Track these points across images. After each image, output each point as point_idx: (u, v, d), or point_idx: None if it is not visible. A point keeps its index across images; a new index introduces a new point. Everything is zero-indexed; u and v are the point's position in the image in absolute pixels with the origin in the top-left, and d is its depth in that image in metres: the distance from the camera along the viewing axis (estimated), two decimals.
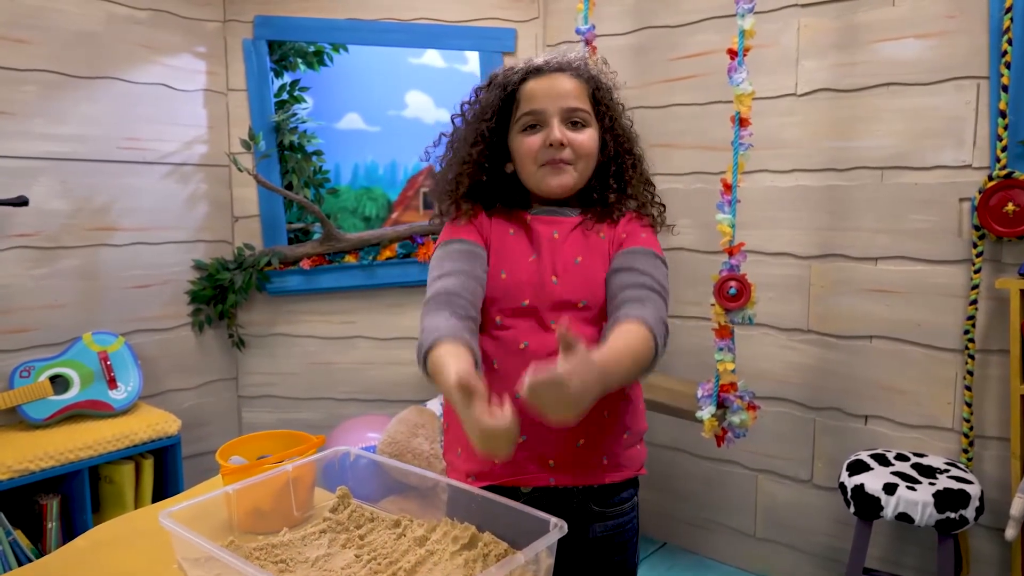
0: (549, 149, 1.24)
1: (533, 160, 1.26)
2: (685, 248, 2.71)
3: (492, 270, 1.26)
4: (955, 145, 2.16)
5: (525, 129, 1.27)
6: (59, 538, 2.31)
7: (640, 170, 1.34)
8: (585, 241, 1.28)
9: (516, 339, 1.22)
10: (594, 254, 1.27)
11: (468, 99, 1.35)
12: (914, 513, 1.91)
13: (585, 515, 1.26)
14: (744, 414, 2.22)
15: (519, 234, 1.29)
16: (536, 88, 1.26)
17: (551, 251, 1.26)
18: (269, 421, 3.13)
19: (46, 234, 2.53)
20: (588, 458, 1.24)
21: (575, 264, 1.25)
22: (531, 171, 1.27)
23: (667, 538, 2.92)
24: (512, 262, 1.26)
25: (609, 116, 1.31)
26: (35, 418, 2.38)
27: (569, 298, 1.23)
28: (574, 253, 1.26)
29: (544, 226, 1.28)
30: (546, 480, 1.23)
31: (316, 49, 3.04)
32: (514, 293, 1.23)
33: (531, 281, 1.24)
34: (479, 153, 1.29)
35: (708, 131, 2.64)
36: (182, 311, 2.94)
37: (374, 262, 3.04)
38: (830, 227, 2.41)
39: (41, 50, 2.48)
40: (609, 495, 1.28)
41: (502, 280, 1.24)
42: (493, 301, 1.23)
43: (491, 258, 1.27)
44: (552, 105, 1.25)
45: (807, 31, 2.41)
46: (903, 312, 2.29)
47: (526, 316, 1.23)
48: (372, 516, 1.17)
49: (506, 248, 1.27)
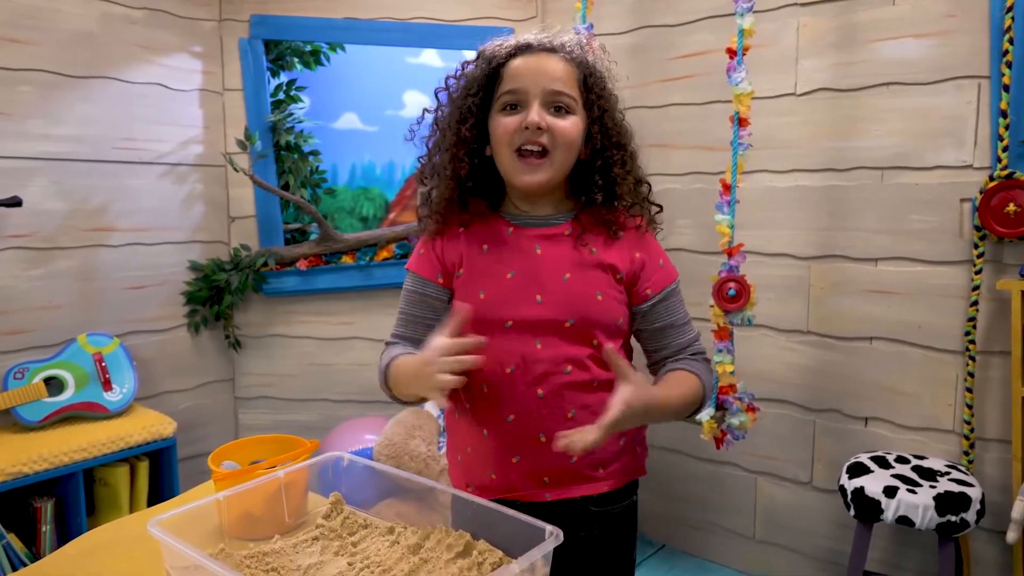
0: (525, 132, 1.16)
1: (508, 143, 1.17)
2: (684, 249, 2.70)
3: (468, 290, 1.21)
4: (956, 145, 2.14)
5: (504, 108, 1.19)
6: (53, 541, 2.30)
7: (631, 168, 1.25)
8: (574, 255, 1.21)
9: (502, 362, 1.18)
10: (584, 270, 1.21)
11: (454, 72, 1.26)
12: (914, 516, 1.89)
13: (583, 518, 1.24)
14: (743, 416, 2.21)
15: (495, 248, 1.22)
16: (521, 66, 1.18)
17: (534, 268, 1.20)
18: (266, 423, 3.12)
19: (41, 235, 2.51)
20: (584, 471, 1.22)
21: (563, 281, 1.19)
22: (505, 156, 1.19)
23: (666, 540, 2.91)
24: (489, 280, 1.21)
25: (599, 106, 1.21)
26: (29, 420, 2.36)
27: (555, 318, 1.18)
28: (561, 269, 1.20)
29: (526, 240, 1.22)
30: (542, 496, 1.21)
31: (313, 48, 3.02)
32: (495, 313, 1.19)
33: (511, 300, 1.19)
34: (468, 131, 1.20)
35: (706, 131, 2.62)
36: (178, 312, 2.93)
37: (371, 263, 3.02)
38: (830, 228, 2.39)
39: (37, 50, 2.46)
40: (607, 500, 1.26)
41: (481, 300, 1.19)
42: (474, 320, 1.17)
43: (465, 276, 1.22)
44: (535, 86, 1.16)
45: (806, 30, 2.39)
46: (903, 313, 2.27)
47: (509, 336, 1.18)
48: (366, 523, 1.16)
49: (481, 266, 1.22)
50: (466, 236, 1.24)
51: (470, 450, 1.25)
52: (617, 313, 1.22)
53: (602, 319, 1.20)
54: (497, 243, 1.23)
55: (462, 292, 1.22)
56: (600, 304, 1.20)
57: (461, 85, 1.23)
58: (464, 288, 1.22)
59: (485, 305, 1.18)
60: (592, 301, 1.19)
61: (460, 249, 1.24)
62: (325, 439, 2.83)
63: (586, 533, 1.24)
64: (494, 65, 1.20)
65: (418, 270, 1.27)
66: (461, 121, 1.20)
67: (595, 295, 1.20)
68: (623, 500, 1.29)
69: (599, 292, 1.20)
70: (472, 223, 1.25)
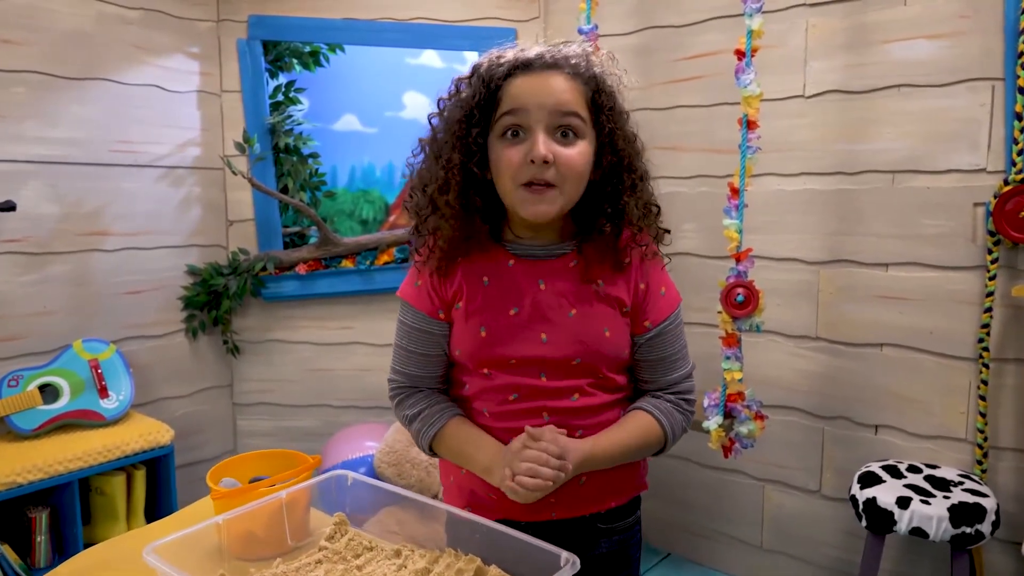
0: (531, 167, 1.05)
1: (511, 177, 1.07)
2: (690, 253, 2.66)
3: (468, 325, 1.15)
4: (969, 148, 2.10)
5: (504, 134, 1.08)
6: (48, 552, 2.26)
7: (641, 191, 1.15)
8: (580, 290, 1.14)
9: (505, 392, 1.15)
10: (590, 305, 1.14)
11: (447, 91, 1.15)
12: (928, 528, 1.85)
13: (590, 534, 1.21)
14: (752, 424, 2.17)
15: (496, 282, 1.15)
16: (523, 88, 1.07)
17: (538, 304, 1.13)
18: (265, 429, 3.08)
19: (36, 239, 2.47)
20: (590, 491, 1.19)
21: (569, 318, 1.13)
22: (508, 189, 1.09)
23: (672, 549, 2.86)
24: (491, 318, 1.14)
25: (609, 126, 1.11)
26: (23, 428, 2.32)
27: (561, 356, 1.13)
28: (567, 305, 1.13)
29: (529, 273, 1.15)
30: (548, 515, 1.17)
31: (312, 49, 2.98)
32: (498, 351, 1.13)
33: (515, 339, 1.13)
34: (460, 162, 1.09)
35: (713, 133, 2.58)
36: (175, 317, 2.89)
37: (372, 267, 2.98)
38: (839, 232, 2.35)
39: (31, 51, 2.42)
40: (614, 516, 1.24)
41: (482, 338, 1.14)
42: (476, 358, 1.14)
43: (464, 310, 1.15)
44: (539, 110, 1.05)
45: (815, 31, 2.35)
46: (915, 319, 2.23)
47: (514, 371, 1.14)
48: (371, 544, 1.11)
49: (481, 301, 1.15)
50: (464, 266, 1.17)
51: (466, 471, 1.21)
52: (624, 347, 1.18)
53: (609, 355, 1.16)
54: (498, 276, 1.15)
55: (461, 326, 1.16)
56: (608, 341, 1.15)
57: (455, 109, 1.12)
58: (463, 323, 1.16)
59: (487, 343, 1.13)
60: (600, 338, 1.14)
61: (458, 280, 1.16)
62: (325, 446, 2.80)
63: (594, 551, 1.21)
64: (492, 87, 1.09)
65: (418, 305, 1.19)
66: (465, 153, 1.09)
67: (603, 331, 1.14)
68: (628, 516, 1.26)
69: (606, 328, 1.15)
70: (471, 251, 1.16)
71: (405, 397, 1.23)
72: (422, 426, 1.19)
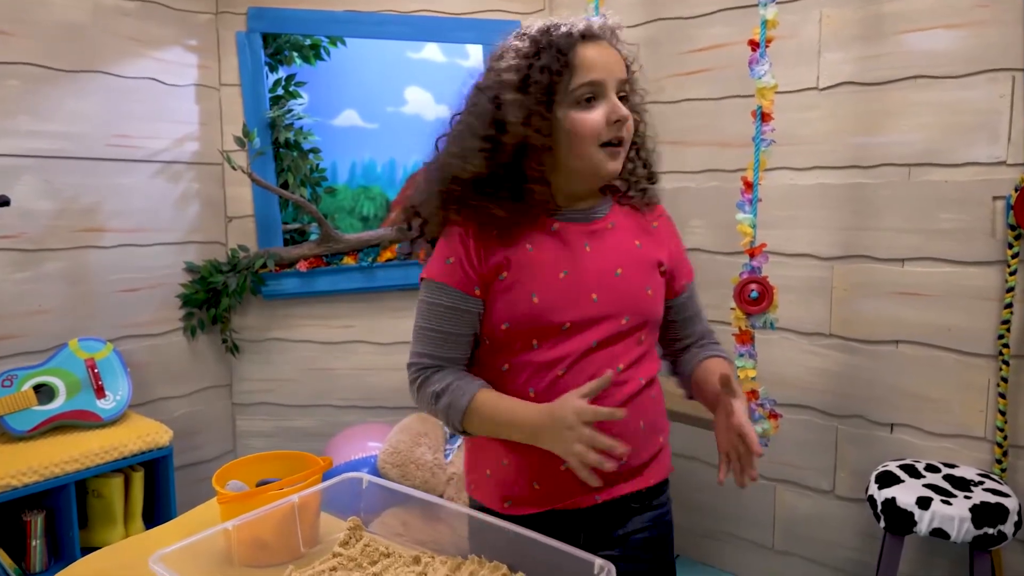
0: (614, 126, 1.12)
1: (595, 138, 1.12)
2: (699, 248, 2.62)
3: (517, 294, 1.13)
4: (988, 140, 2.06)
5: (579, 101, 1.12)
6: (44, 556, 2.21)
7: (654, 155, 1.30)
8: (622, 250, 1.20)
9: (552, 367, 1.13)
10: (634, 264, 1.20)
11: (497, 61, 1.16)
12: (950, 529, 1.81)
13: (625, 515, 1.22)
14: (766, 423, 2.13)
15: (541, 247, 1.15)
16: (596, 56, 1.13)
17: (586, 264, 1.15)
18: (265, 429, 3.03)
19: (30, 236, 2.41)
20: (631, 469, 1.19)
21: (615, 277, 1.16)
22: (587, 152, 1.12)
23: (681, 550, 2.82)
24: (542, 284, 1.13)
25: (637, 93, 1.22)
26: (18, 430, 2.26)
27: (611, 314, 1.14)
28: (613, 264, 1.17)
29: (574, 236, 1.17)
30: (592, 500, 1.16)
31: (312, 42, 2.93)
32: (552, 316, 1.12)
33: (568, 301, 1.13)
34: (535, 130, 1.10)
35: (723, 127, 2.54)
36: (173, 316, 2.83)
37: (374, 264, 2.93)
38: (854, 227, 2.31)
39: (25, 43, 2.36)
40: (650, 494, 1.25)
41: (535, 304, 1.12)
42: (528, 326, 1.12)
43: (510, 279, 1.13)
44: (611, 76, 1.13)
45: (829, 22, 2.31)
46: (932, 316, 2.19)
47: (565, 339, 1.13)
48: (388, 551, 1.06)
49: (529, 268, 1.14)
50: (502, 237, 1.15)
51: (507, 463, 1.17)
52: (661, 307, 1.24)
53: (652, 315, 1.21)
54: (542, 242, 1.16)
55: (507, 297, 1.13)
56: (650, 300, 1.20)
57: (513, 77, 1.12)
58: (510, 293, 1.13)
59: (540, 309, 1.12)
60: (644, 297, 1.19)
61: (501, 251, 1.14)
62: (327, 446, 2.76)
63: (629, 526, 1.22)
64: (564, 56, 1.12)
65: (452, 282, 1.15)
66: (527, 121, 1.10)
67: (645, 290, 1.19)
68: (660, 495, 1.28)
69: (648, 287, 1.20)
70: (507, 222, 1.15)
71: (430, 375, 1.18)
72: (452, 398, 1.13)
